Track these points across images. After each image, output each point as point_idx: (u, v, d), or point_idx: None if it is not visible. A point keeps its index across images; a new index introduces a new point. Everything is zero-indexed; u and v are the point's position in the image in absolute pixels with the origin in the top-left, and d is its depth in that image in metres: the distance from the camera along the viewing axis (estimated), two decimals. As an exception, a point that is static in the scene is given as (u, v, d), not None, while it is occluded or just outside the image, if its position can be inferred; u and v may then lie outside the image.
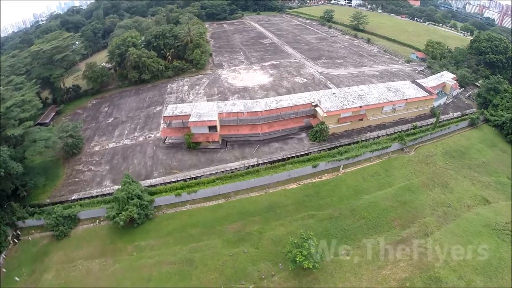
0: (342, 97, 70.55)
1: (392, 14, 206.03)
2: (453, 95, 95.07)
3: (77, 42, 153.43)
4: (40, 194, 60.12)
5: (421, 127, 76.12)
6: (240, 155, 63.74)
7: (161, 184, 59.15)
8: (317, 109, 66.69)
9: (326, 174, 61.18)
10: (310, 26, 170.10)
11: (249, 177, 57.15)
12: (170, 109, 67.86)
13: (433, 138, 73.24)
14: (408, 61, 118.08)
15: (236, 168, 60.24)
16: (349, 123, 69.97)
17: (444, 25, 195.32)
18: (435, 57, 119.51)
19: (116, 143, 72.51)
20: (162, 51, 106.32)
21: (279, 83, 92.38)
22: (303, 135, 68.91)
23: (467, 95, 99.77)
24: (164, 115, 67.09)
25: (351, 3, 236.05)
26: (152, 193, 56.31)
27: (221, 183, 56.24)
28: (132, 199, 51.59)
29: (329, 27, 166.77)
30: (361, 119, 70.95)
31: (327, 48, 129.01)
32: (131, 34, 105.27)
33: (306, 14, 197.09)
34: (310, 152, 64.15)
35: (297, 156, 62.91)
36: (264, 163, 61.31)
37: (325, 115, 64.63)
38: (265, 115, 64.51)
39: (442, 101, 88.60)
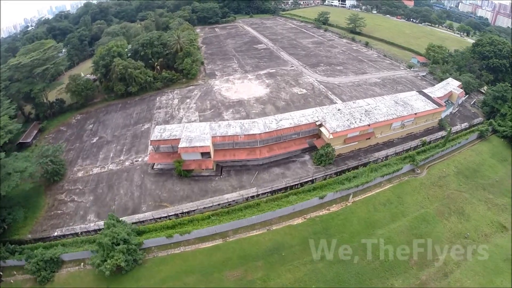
0: (348, 114, 63.24)
1: (388, 15, 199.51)
2: (459, 103, 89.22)
3: (63, 50, 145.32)
4: (20, 228, 53.59)
5: (430, 142, 70.52)
6: (238, 183, 56.10)
7: (150, 220, 51.50)
8: (322, 129, 59.28)
9: (334, 205, 54.04)
10: (305, 29, 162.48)
11: (249, 212, 49.63)
12: (158, 132, 59.76)
13: (444, 155, 68.00)
14: (410, 66, 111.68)
15: (233, 200, 52.69)
16: (356, 142, 62.86)
17: (440, 26, 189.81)
18: (436, 62, 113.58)
19: (101, 168, 64.61)
20: (150, 61, 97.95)
21: (277, 94, 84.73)
22: (307, 157, 61.55)
23: (472, 102, 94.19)
24: (151, 139, 58.95)
25: (345, 4, 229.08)
26: (140, 232, 48.81)
27: (217, 221, 48.61)
28: (118, 244, 44.14)
29: (325, 30, 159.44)
30: (369, 138, 63.86)
31: (325, 53, 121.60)
32: (117, 43, 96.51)
33: (300, 17, 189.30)
34: (315, 179, 56.86)
35: (301, 184, 55.63)
36: (265, 193, 53.85)
37: (331, 136, 57.27)
38: (265, 137, 56.85)
39: (449, 111, 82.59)
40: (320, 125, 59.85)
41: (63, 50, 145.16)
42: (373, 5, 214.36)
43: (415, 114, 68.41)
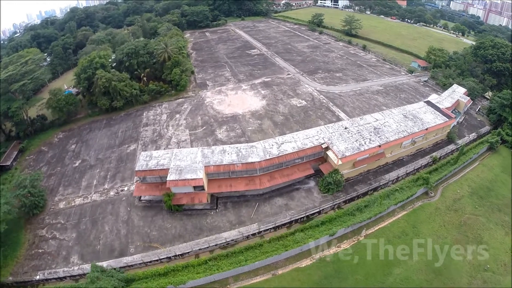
0: (356, 133, 56.47)
1: (382, 16, 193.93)
2: (464, 111, 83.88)
3: (47, 59, 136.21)
4: (1, 267, 46.59)
5: (440, 157, 65.43)
6: (236, 218, 48.84)
7: (139, 263, 44.19)
8: (329, 153, 52.35)
9: (345, 241, 47.22)
10: (299, 32, 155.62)
11: (251, 256, 42.34)
12: (143, 160, 52.00)
13: (456, 172, 62.82)
14: (410, 71, 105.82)
15: (232, 239, 45.55)
16: (365, 165, 56.22)
17: (435, 26, 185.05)
18: (438, 65, 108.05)
19: (84, 198, 56.85)
20: (136, 72, 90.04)
21: (274, 107, 77.58)
22: (312, 184, 54.62)
23: (477, 109, 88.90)
24: (136, 169, 51.14)
25: (338, 5, 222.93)
26: (129, 280, 41.41)
27: (215, 267, 41.32)
28: (104, 302, 36.86)
29: (320, 33, 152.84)
30: (379, 159, 57.36)
31: (322, 58, 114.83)
32: (100, 53, 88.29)
33: (294, 19, 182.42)
34: (323, 209, 50.12)
35: (307, 216, 48.82)
36: (267, 229, 46.90)
37: (340, 162, 50.45)
38: (265, 165, 49.63)
39: (456, 121, 76.90)
40: (327, 148, 52.94)
41: (47, 59, 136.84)
42: (367, 5, 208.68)
43: (426, 129, 62.35)
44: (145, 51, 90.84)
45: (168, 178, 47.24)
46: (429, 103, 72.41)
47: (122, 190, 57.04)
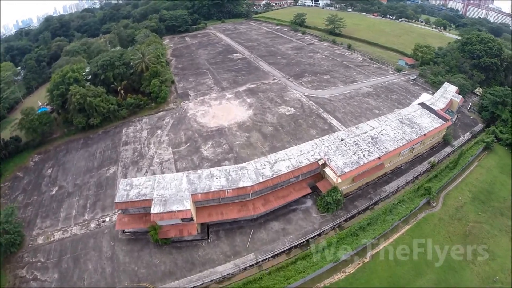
0: (353, 145, 52.23)
1: (363, 13, 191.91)
2: (457, 109, 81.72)
3: (21, 73, 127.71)
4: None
5: (438, 162, 62.72)
6: (230, 249, 43.71)
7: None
8: (327, 170, 47.85)
9: (350, 265, 43.01)
10: (282, 33, 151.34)
11: (249, 292, 37.76)
12: (123, 190, 46.12)
13: (455, 176, 60.28)
14: (398, 70, 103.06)
15: (229, 274, 40.55)
16: (365, 178, 52.17)
17: (416, 21, 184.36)
18: (426, 63, 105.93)
19: (63, 231, 50.60)
20: (112, 85, 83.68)
21: (262, 117, 72.72)
22: (309, 203, 50.04)
23: (469, 107, 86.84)
24: (116, 201, 45.26)
25: (319, 4, 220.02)
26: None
27: (208, 311, 36.49)
28: None
29: (303, 33, 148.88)
30: (379, 170, 53.46)
31: (307, 60, 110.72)
32: (73, 67, 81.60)
33: (275, 19, 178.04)
34: (324, 231, 45.76)
35: (308, 240, 44.37)
36: (265, 258, 42.16)
37: (339, 180, 46.13)
38: (258, 189, 44.79)
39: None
40: (324, 164, 48.50)
41: (21, 73, 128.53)
42: (348, 3, 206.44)
43: (424, 135, 58.99)
44: (121, 62, 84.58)
45: (152, 211, 41.74)
46: (423, 105, 69.28)
47: (103, 221, 51.17)
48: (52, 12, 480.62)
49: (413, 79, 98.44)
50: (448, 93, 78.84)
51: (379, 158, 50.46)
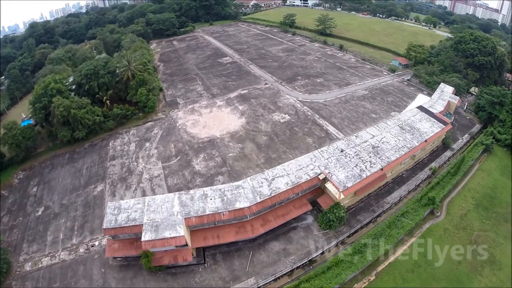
0: (354, 156, 49.26)
1: (353, 12, 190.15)
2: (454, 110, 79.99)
3: (5, 83, 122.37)
4: None
5: (439, 167, 60.65)
6: (229, 273, 40.15)
7: None
8: (328, 185, 44.72)
9: (355, 285, 40.27)
10: (271, 35, 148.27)
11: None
12: (111, 214, 42.07)
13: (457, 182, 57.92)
14: (392, 70, 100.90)
15: (226, 303, 37.27)
16: (367, 190, 49.39)
17: (406, 19, 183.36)
18: (419, 62, 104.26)
19: (51, 257, 46.53)
20: (97, 95, 79.42)
21: (255, 126, 69.36)
22: (309, 219, 46.81)
23: (465, 107, 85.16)
24: (104, 227, 41.40)
25: (308, 4, 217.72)
26: None
27: None
28: None
29: (293, 34, 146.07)
30: (381, 181, 50.78)
31: (299, 62, 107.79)
32: (55, 78, 77.13)
33: (264, 20, 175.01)
34: (327, 249, 42.80)
35: (310, 260, 41.35)
36: (267, 283, 38.96)
37: (342, 196, 43.18)
38: (256, 210, 41.44)
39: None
40: (325, 179, 45.44)
41: (5, 82, 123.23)
42: (337, 2, 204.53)
43: (425, 141, 56.56)
44: (105, 71, 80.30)
45: (143, 238, 38.00)
46: (422, 108, 66.99)
47: (92, 246, 47.29)
48: (38, 17, 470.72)
49: (408, 80, 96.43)
50: (445, 94, 76.91)
51: (381, 169, 47.70)
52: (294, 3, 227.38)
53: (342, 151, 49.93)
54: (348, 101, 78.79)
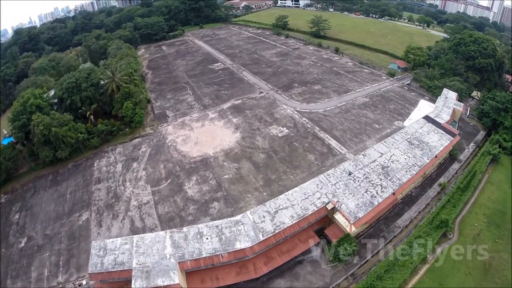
0: (363, 179, 44.39)
1: (346, 12, 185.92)
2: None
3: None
4: None
5: (448, 181, 56.59)
6: (228, 321, 35.31)
7: None
8: (338, 216, 39.58)
9: (370, 330, 35.59)
10: (264, 38, 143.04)
11: None
12: (96, 255, 35.92)
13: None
14: (391, 74, 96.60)
15: None
16: (377, 216, 44.67)
17: (399, 19, 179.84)
18: (419, 65, 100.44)
19: None
20: (80, 110, 73.31)
21: (251, 141, 63.94)
22: (316, 251, 41.96)
23: (467, 113, 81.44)
24: (90, 272, 35.59)
25: (299, 4, 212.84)
26: None
27: None
28: None
29: (287, 37, 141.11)
30: (392, 205, 46.13)
31: (294, 67, 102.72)
32: (34, 92, 71.03)
33: (255, 22, 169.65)
34: (337, 284, 37.96)
35: (318, 304, 36.43)
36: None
37: (354, 229, 38.30)
38: (258, 250, 36.13)
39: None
40: (333, 209, 40.42)
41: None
42: (329, 2, 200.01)
43: (436, 156, 52.22)
44: (88, 83, 74.13)
45: (133, 286, 32.63)
46: (428, 119, 62.61)
47: (80, 285, 41.85)
48: (27, 22, 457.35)
49: (408, 84, 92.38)
50: (450, 101, 72.93)
51: (393, 193, 43.02)
52: (285, 4, 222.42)
53: (350, 174, 45.00)
54: (349, 110, 74.06)
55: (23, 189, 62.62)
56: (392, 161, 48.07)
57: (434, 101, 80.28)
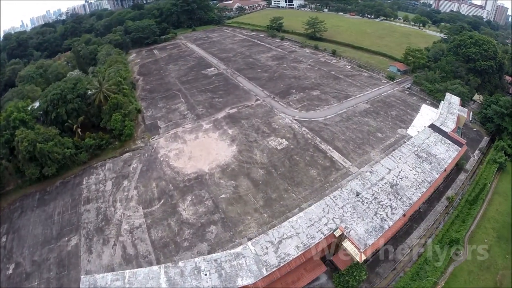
0: (372, 200, 40.86)
1: (340, 13, 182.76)
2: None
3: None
4: None
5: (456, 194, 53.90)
6: None
7: None
8: (347, 244, 36.00)
9: None
10: (259, 40, 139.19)
11: None
12: None
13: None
14: (391, 77, 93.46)
15: None
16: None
17: (395, 19, 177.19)
18: (419, 67, 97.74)
19: None
20: (67, 123, 68.90)
21: (249, 155, 59.92)
22: (323, 278, 38.35)
23: (470, 118, 78.91)
24: None
25: (293, 5, 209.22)
26: None
27: None
28: None
29: (282, 39, 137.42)
30: (400, 227, 42.81)
31: (291, 72, 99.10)
32: (18, 105, 66.39)
33: (249, 24, 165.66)
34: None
35: None
36: None
37: (364, 257, 34.82)
38: (262, 286, 32.33)
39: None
40: (341, 235, 36.85)
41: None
42: (323, 3, 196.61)
43: (445, 170, 49.09)
44: (74, 95, 69.63)
45: None
46: (434, 128, 59.54)
47: None
48: (19, 26, 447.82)
49: (408, 88, 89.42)
50: (453, 107, 70.32)
51: (404, 215, 39.71)
52: (279, 5, 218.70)
53: (358, 195, 41.48)
54: (350, 118, 70.64)
55: (10, 209, 58.29)
56: (401, 178, 44.73)
57: (436, 106, 77.82)
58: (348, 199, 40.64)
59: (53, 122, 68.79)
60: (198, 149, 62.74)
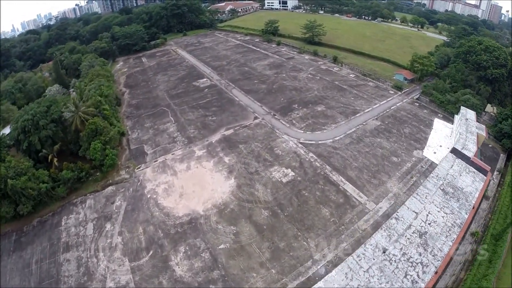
0: (400, 257, 33.21)
1: (336, 15, 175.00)
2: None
3: None
4: None
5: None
6: None
7: None
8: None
9: None
10: (254, 46, 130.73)
11: None
12: None
13: None
14: (398, 87, 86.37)
15: None
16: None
17: (392, 21, 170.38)
18: (426, 75, 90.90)
19: None
20: (41, 152, 59.98)
21: (250, 191, 50.92)
22: None
23: (487, 137, 72.49)
24: None
25: (287, 6, 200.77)
26: None
27: None
28: None
29: (278, 44, 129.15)
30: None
31: (291, 82, 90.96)
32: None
33: (243, 28, 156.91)
34: None
35: None
36: None
37: None
38: None
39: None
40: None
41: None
42: (318, 5, 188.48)
43: (473, 207, 42.08)
44: (48, 120, 60.60)
45: None
46: (456, 153, 52.73)
47: None
48: (10, 30, 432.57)
49: (417, 99, 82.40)
50: (471, 123, 63.99)
51: (436, 272, 32.58)
52: (272, 7, 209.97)
53: (384, 252, 33.87)
54: (361, 139, 62.96)
55: (-16, 252, 49.33)
56: (429, 223, 37.66)
57: (448, 119, 71.59)
58: (374, 259, 33.07)
59: (25, 152, 59.81)
60: (190, 183, 54.21)
